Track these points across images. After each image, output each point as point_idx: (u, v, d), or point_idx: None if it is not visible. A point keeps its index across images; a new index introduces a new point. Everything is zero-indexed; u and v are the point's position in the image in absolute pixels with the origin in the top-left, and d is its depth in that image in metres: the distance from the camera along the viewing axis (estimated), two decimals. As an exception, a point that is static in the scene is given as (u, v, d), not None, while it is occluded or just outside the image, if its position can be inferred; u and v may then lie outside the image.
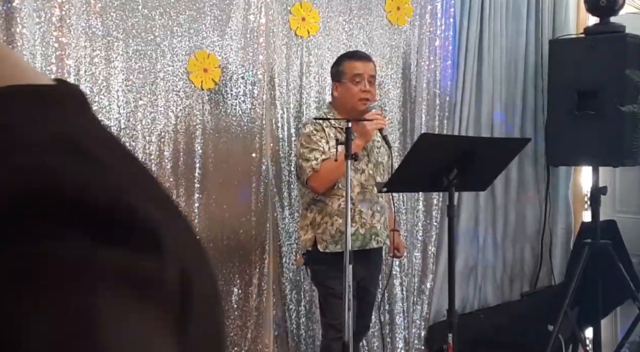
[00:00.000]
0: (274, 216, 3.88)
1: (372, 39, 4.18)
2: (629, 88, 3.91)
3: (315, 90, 3.95)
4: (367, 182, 3.39)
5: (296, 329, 3.95)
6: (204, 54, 3.64)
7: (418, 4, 4.32)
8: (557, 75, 4.35)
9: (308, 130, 3.39)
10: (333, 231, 3.35)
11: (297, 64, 3.95)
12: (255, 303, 3.83)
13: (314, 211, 3.40)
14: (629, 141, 3.93)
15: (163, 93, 3.55)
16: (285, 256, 3.86)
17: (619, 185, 4.64)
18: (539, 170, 4.85)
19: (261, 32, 3.82)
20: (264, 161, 3.83)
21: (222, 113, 3.72)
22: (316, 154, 3.30)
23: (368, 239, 3.41)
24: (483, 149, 3.12)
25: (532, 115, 4.80)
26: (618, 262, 3.97)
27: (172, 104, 3.58)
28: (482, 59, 4.58)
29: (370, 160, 3.43)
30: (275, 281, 3.91)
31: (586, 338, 4.36)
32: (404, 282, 4.32)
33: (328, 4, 4.03)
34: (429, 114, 4.41)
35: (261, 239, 3.83)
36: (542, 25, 4.82)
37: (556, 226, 4.88)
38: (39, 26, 3.18)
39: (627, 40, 4.10)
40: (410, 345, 4.37)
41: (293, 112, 3.92)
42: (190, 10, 3.61)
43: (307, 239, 3.42)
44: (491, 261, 4.75)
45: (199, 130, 3.65)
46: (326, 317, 3.43)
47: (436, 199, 4.42)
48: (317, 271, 3.43)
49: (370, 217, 3.40)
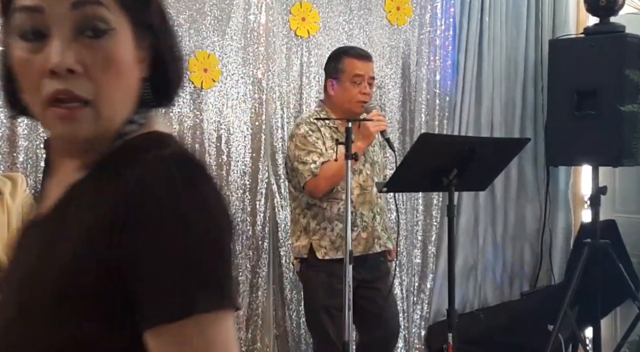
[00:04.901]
0: (274, 216, 3.88)
1: (372, 39, 4.18)
2: (629, 88, 3.90)
3: (315, 90, 3.95)
4: (365, 183, 3.26)
5: (296, 329, 3.95)
6: (204, 54, 3.64)
7: (418, 4, 4.32)
8: (557, 75, 4.34)
9: (303, 130, 3.19)
10: (333, 237, 3.19)
11: (297, 64, 3.95)
12: (255, 303, 3.83)
13: (308, 216, 3.23)
14: (628, 141, 3.93)
15: (163, 93, 3.55)
16: (286, 256, 3.86)
17: (619, 185, 4.64)
18: (539, 170, 4.85)
19: (261, 32, 3.82)
20: (264, 161, 3.84)
21: (222, 113, 3.72)
22: (314, 157, 3.13)
23: (371, 244, 3.27)
24: (483, 149, 3.11)
25: (532, 115, 4.80)
26: (618, 262, 3.97)
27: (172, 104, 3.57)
28: (482, 59, 4.57)
29: (366, 160, 3.29)
30: (275, 281, 3.92)
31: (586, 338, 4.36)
32: (403, 282, 4.32)
33: (328, 4, 4.03)
34: (429, 114, 4.41)
35: (261, 239, 3.84)
36: (542, 25, 4.81)
37: (556, 226, 4.87)
38: (39, 26, 3.18)
39: (627, 40, 4.09)
40: (410, 345, 4.37)
41: (293, 112, 3.92)
42: (190, 10, 3.61)
43: (301, 246, 3.24)
44: (491, 261, 4.75)
45: (198, 130, 3.66)
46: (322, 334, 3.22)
47: (436, 199, 4.42)
48: (313, 280, 3.23)
49: (371, 220, 3.27)
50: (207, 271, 0.87)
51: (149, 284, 0.85)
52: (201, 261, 0.86)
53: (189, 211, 0.86)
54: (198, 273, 0.86)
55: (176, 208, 0.86)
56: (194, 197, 0.87)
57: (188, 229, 0.86)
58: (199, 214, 0.87)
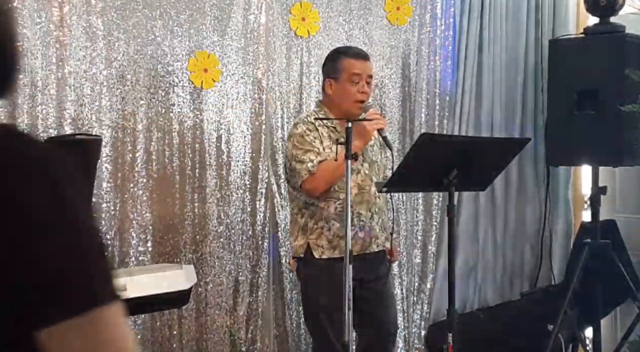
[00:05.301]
0: (274, 216, 3.88)
1: (372, 39, 4.18)
2: (629, 88, 3.90)
3: (315, 90, 3.95)
4: (363, 182, 3.24)
5: (296, 329, 3.95)
6: (204, 54, 3.64)
7: (418, 4, 4.32)
8: (557, 75, 4.34)
9: (300, 130, 3.18)
10: (330, 236, 3.18)
11: (297, 64, 3.95)
12: (255, 303, 3.83)
13: (306, 216, 3.22)
14: (628, 141, 3.93)
15: (163, 93, 3.56)
16: (286, 256, 3.86)
17: (619, 185, 4.64)
18: (539, 170, 4.85)
19: (261, 32, 3.82)
20: (264, 161, 3.84)
21: (222, 113, 3.72)
22: (311, 156, 3.12)
23: (368, 243, 3.26)
24: (483, 149, 3.12)
25: (532, 115, 4.80)
26: (618, 262, 3.97)
27: (172, 104, 3.58)
28: (482, 59, 4.57)
29: (365, 159, 3.26)
30: (275, 281, 3.92)
31: (586, 338, 4.36)
32: (403, 282, 4.32)
33: (328, 4, 4.03)
34: (429, 114, 4.41)
35: (261, 239, 3.84)
36: (542, 25, 4.81)
37: (556, 226, 4.87)
38: (39, 26, 3.19)
39: (627, 40, 4.10)
40: (410, 345, 4.37)
41: (293, 112, 3.92)
42: (190, 10, 3.61)
43: (299, 246, 3.24)
44: (491, 261, 4.75)
45: (199, 130, 3.66)
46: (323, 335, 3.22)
47: (436, 199, 4.42)
48: (311, 279, 3.24)
49: (369, 219, 3.25)
50: (96, 263, 0.87)
51: (37, 280, 0.83)
52: (88, 251, 0.86)
53: (66, 203, 0.86)
54: (90, 265, 0.86)
55: (52, 201, 0.85)
56: (50, 187, 0.86)
57: (71, 223, 0.85)
58: (73, 206, 0.86)
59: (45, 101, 3.21)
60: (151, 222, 3.52)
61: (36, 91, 3.18)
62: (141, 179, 3.49)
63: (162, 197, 3.56)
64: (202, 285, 3.66)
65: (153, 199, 3.53)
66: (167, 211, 3.59)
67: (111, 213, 3.40)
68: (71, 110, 3.28)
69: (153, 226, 3.53)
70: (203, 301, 3.68)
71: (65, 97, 3.26)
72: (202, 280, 3.65)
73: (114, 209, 3.41)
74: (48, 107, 3.22)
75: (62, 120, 3.25)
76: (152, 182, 3.52)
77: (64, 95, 3.26)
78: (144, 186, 3.50)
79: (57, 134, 3.21)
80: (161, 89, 3.55)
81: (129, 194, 3.46)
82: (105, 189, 3.37)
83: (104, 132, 3.36)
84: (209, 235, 3.69)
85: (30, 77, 3.17)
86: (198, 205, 3.66)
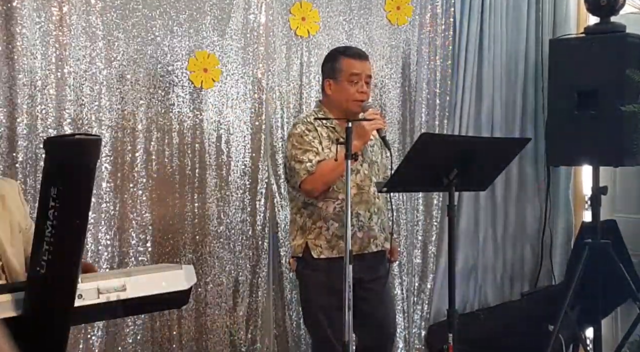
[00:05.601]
0: (274, 216, 3.88)
1: (372, 38, 4.18)
2: (629, 88, 3.90)
3: (315, 90, 3.94)
4: (363, 182, 3.23)
5: (296, 329, 3.95)
6: (204, 54, 3.64)
7: (418, 4, 4.32)
8: (557, 75, 4.34)
9: (299, 130, 3.18)
10: (329, 236, 3.18)
11: (297, 64, 3.94)
12: (255, 303, 3.83)
13: (304, 216, 3.22)
14: (629, 141, 3.93)
15: (163, 93, 3.55)
16: (285, 256, 3.86)
17: (619, 185, 4.64)
18: (539, 170, 4.84)
19: (261, 32, 3.82)
20: (264, 161, 3.83)
21: (222, 113, 3.72)
22: (310, 156, 3.12)
23: (366, 243, 3.25)
24: (483, 149, 3.11)
25: (532, 115, 4.80)
26: (618, 262, 3.97)
27: (172, 103, 3.58)
28: (482, 59, 4.57)
29: (364, 159, 3.26)
30: (275, 281, 3.91)
31: (586, 338, 4.36)
32: (404, 282, 4.31)
33: (328, 4, 4.03)
34: (428, 114, 4.41)
35: (261, 239, 3.83)
36: (542, 25, 4.81)
37: (556, 226, 4.87)
38: (39, 26, 3.18)
39: (627, 40, 4.10)
40: (410, 345, 4.37)
41: (293, 112, 3.92)
42: (190, 10, 3.61)
43: (297, 245, 3.24)
44: (491, 261, 4.75)
45: (198, 130, 3.65)
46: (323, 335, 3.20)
47: (436, 199, 4.42)
48: (310, 279, 3.23)
49: (367, 219, 3.25)
50: None
51: None
52: None
53: None
54: None
55: None
56: None
57: None
58: None
59: (45, 101, 3.20)
60: (151, 222, 3.52)
61: (35, 91, 3.18)
62: (141, 179, 3.49)
63: (162, 197, 3.56)
64: (202, 285, 3.66)
65: (153, 199, 3.53)
66: (167, 211, 3.58)
67: (111, 213, 3.40)
68: (71, 110, 3.27)
69: (153, 226, 3.53)
70: (203, 301, 3.68)
71: (64, 97, 3.26)
72: (202, 280, 3.65)
73: (113, 209, 3.41)
74: (47, 107, 3.21)
75: (61, 120, 3.24)
76: (151, 182, 3.52)
77: (63, 95, 3.25)
78: (143, 185, 3.49)
79: (56, 134, 3.21)
80: (161, 89, 3.55)
81: (129, 194, 3.46)
82: (105, 189, 3.37)
83: (103, 132, 3.36)
84: (209, 235, 3.68)
85: (30, 77, 3.17)
86: (198, 205, 3.66)
